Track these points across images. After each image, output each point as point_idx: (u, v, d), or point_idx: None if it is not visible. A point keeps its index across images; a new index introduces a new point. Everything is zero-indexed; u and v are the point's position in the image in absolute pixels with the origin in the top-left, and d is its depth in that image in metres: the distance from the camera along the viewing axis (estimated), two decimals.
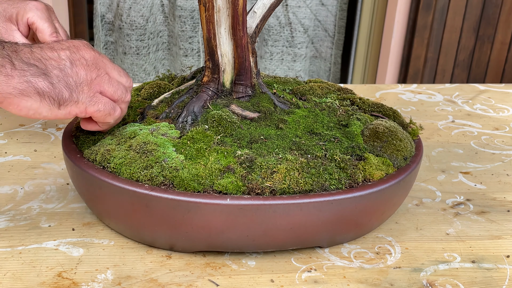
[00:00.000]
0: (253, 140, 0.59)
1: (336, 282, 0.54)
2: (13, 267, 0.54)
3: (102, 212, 0.60)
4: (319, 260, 0.58)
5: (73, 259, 0.56)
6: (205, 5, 0.60)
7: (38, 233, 0.60)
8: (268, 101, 0.65)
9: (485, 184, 0.76)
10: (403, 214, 0.67)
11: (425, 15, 2.21)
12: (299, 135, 0.61)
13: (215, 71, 0.64)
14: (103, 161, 0.57)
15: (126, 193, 0.54)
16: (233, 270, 0.56)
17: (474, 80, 2.37)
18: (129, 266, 0.55)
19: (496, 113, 1.04)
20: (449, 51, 2.29)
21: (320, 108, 0.67)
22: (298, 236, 0.55)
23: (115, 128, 0.63)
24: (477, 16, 2.25)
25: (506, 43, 2.32)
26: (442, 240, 0.62)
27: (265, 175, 0.54)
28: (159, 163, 0.55)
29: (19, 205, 0.65)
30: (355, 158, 0.59)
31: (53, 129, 0.88)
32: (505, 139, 0.92)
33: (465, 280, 0.55)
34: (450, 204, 0.70)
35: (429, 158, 0.83)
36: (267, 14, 0.67)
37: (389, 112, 0.70)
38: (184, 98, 0.65)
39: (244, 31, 0.61)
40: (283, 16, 1.39)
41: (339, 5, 1.48)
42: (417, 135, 0.68)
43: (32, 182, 0.71)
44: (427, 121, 0.98)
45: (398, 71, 2.33)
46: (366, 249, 0.60)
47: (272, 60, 1.40)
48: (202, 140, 0.58)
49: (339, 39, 1.52)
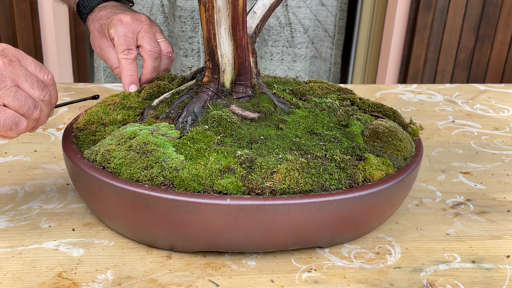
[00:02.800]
0: (253, 140, 0.59)
1: (336, 282, 0.54)
2: (13, 268, 0.54)
3: (102, 212, 0.60)
4: (319, 260, 0.58)
5: (73, 259, 0.56)
6: (205, 6, 0.60)
7: (38, 233, 0.60)
8: (268, 101, 0.65)
9: (485, 184, 0.76)
10: (403, 214, 0.67)
11: (425, 15, 2.21)
12: (299, 135, 0.61)
13: (215, 71, 0.64)
14: (103, 161, 0.57)
15: (126, 193, 0.54)
16: (233, 270, 0.56)
17: (474, 80, 2.37)
18: (129, 267, 0.55)
19: (496, 113, 1.04)
20: (449, 51, 2.29)
21: (320, 108, 0.67)
22: (298, 236, 0.55)
23: (115, 128, 0.63)
24: (477, 16, 2.25)
25: (506, 43, 2.32)
26: (442, 240, 0.62)
27: (265, 175, 0.54)
28: (159, 163, 0.55)
29: (19, 206, 0.65)
30: (355, 158, 0.59)
31: (53, 129, 0.88)
32: (505, 139, 0.92)
33: (465, 280, 0.55)
34: (450, 204, 0.70)
35: (429, 158, 0.83)
36: (267, 14, 0.67)
37: (389, 112, 0.70)
38: (184, 98, 0.65)
39: (244, 31, 0.61)
40: (283, 16, 1.39)
41: (339, 5, 1.48)
42: (417, 135, 0.68)
43: (32, 183, 0.71)
44: (427, 121, 0.98)
45: (398, 71, 2.33)
46: (366, 249, 0.60)
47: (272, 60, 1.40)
48: (202, 140, 0.58)
49: (339, 39, 1.52)
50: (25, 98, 0.56)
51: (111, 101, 0.70)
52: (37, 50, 2.11)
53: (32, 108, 0.57)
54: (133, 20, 0.80)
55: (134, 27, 0.80)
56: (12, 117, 0.55)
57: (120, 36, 0.78)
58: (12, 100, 0.55)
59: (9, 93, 0.55)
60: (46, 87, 0.59)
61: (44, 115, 0.60)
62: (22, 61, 0.58)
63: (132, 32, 0.80)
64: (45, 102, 0.58)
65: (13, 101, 0.55)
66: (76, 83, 1.10)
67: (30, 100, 0.56)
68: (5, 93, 0.55)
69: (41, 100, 0.58)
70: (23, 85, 0.56)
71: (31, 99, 0.57)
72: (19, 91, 0.56)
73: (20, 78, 0.56)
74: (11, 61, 0.56)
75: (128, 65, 0.78)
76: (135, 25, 0.80)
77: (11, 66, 0.56)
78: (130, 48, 0.79)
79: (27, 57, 0.59)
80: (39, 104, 0.58)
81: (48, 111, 0.60)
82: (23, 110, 0.56)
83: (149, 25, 0.82)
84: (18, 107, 0.56)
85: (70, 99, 1.00)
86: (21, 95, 0.56)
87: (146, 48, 0.79)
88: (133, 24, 0.80)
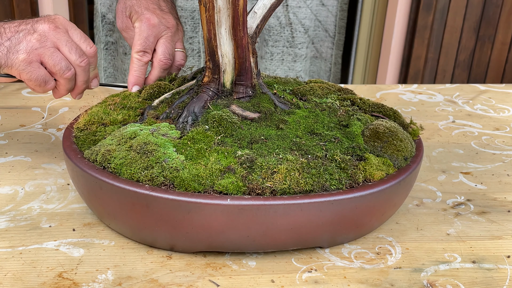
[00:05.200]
0: (254, 140, 0.59)
1: (336, 283, 0.54)
2: (13, 268, 0.54)
3: (102, 212, 0.60)
4: (319, 260, 0.58)
5: (73, 260, 0.56)
6: (206, 6, 0.60)
7: (39, 233, 0.60)
8: (268, 102, 0.65)
9: (485, 184, 0.76)
10: (403, 214, 0.67)
11: (425, 15, 2.21)
12: (299, 135, 0.61)
13: (215, 71, 0.64)
14: (103, 161, 0.57)
15: (126, 194, 0.54)
16: (233, 270, 0.56)
17: (475, 80, 2.37)
18: (129, 267, 0.55)
19: (496, 113, 1.04)
20: (449, 51, 2.29)
21: (321, 109, 0.67)
22: (299, 237, 0.55)
23: (116, 129, 0.63)
24: (477, 17, 2.25)
25: (507, 43, 2.32)
26: (443, 240, 0.62)
27: (266, 175, 0.54)
28: (160, 163, 0.55)
29: (19, 206, 0.65)
30: (355, 158, 0.59)
31: (53, 129, 0.88)
32: (505, 139, 0.92)
33: (466, 281, 0.55)
34: (450, 205, 0.70)
35: (429, 159, 0.83)
36: (268, 15, 0.67)
37: (390, 113, 0.70)
38: (185, 98, 0.65)
39: (244, 31, 0.61)
40: (283, 17, 1.39)
41: (340, 5, 1.48)
42: (417, 135, 0.68)
43: (32, 183, 0.71)
44: (428, 121, 0.98)
45: (398, 72, 2.33)
46: (367, 249, 0.60)
47: (272, 60, 1.40)
48: (203, 140, 0.58)
49: (340, 40, 1.52)
50: (59, 59, 0.65)
51: (111, 101, 0.70)
52: None
53: (64, 69, 0.65)
54: (160, 24, 0.81)
55: (158, 31, 0.80)
56: (43, 76, 0.65)
57: (141, 36, 0.79)
58: (48, 58, 0.64)
59: (47, 52, 0.64)
60: (84, 55, 0.67)
61: (80, 80, 0.69)
62: (70, 31, 0.67)
63: (154, 36, 0.80)
64: (81, 67, 0.67)
65: (49, 59, 0.64)
66: None
67: (64, 62, 0.65)
68: (44, 51, 0.64)
69: (77, 65, 0.67)
70: (63, 48, 0.65)
71: (66, 61, 0.66)
72: (56, 52, 0.65)
73: (61, 42, 0.65)
74: (56, 27, 0.66)
75: (139, 67, 0.79)
76: (160, 30, 0.81)
77: (55, 31, 0.65)
78: (146, 51, 0.79)
79: (75, 29, 0.68)
80: (73, 67, 0.66)
81: (84, 77, 0.69)
82: (56, 68, 0.65)
83: (173, 33, 0.82)
84: (52, 65, 0.65)
85: (70, 100, 1.00)
86: (57, 55, 0.65)
87: (159, 57, 0.80)
88: (159, 28, 0.80)
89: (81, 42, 0.68)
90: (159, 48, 0.80)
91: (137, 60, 0.79)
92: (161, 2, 0.86)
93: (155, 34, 0.80)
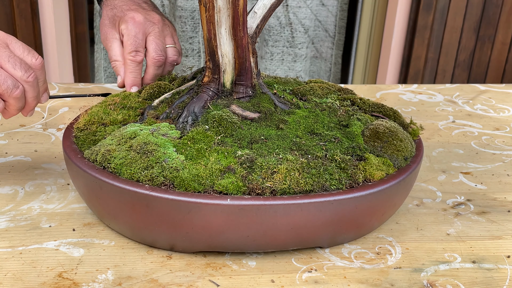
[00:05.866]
0: (254, 140, 0.59)
1: (336, 283, 0.54)
2: (13, 268, 0.54)
3: (102, 212, 0.60)
4: (319, 260, 0.58)
5: (73, 260, 0.56)
6: (206, 6, 0.60)
7: (39, 233, 0.60)
8: (268, 102, 0.65)
9: (485, 184, 0.76)
10: (403, 214, 0.67)
11: (425, 15, 2.21)
12: (299, 135, 0.61)
13: (215, 71, 0.64)
14: (103, 161, 0.57)
15: (126, 194, 0.54)
16: (233, 270, 0.56)
17: (475, 80, 2.37)
18: (129, 267, 0.55)
19: (496, 113, 1.04)
20: (449, 51, 2.29)
21: (321, 109, 0.67)
22: (299, 236, 0.55)
23: (116, 129, 0.63)
24: (477, 17, 2.25)
25: (507, 44, 2.32)
26: (443, 240, 0.62)
27: (266, 175, 0.54)
28: (160, 163, 0.55)
29: (19, 206, 0.65)
30: (355, 158, 0.59)
31: (53, 129, 0.88)
32: (505, 140, 0.92)
33: (466, 281, 0.55)
34: (450, 205, 0.70)
35: (429, 159, 0.83)
36: (268, 15, 0.67)
37: (390, 113, 0.70)
38: (185, 98, 0.65)
39: (244, 31, 0.61)
40: (283, 17, 1.39)
41: (340, 5, 1.48)
42: (417, 135, 0.68)
43: (32, 183, 0.71)
44: (428, 121, 0.98)
45: (398, 72, 2.33)
46: (367, 249, 0.60)
47: (272, 60, 1.40)
48: (203, 140, 0.58)
49: (340, 40, 1.52)
50: (4, 78, 0.60)
51: (111, 101, 0.70)
52: (38, 50, 2.11)
53: (11, 87, 0.60)
54: (145, 21, 0.80)
55: (145, 28, 0.80)
56: None
57: (130, 36, 0.78)
58: None
59: None
60: (30, 69, 0.62)
61: (30, 96, 0.64)
62: (10, 45, 0.62)
63: (143, 33, 0.79)
64: (29, 83, 0.62)
65: None
66: (77, 83, 1.10)
67: (10, 80, 0.60)
68: None
69: (24, 80, 0.61)
70: (6, 65, 0.60)
71: (12, 78, 0.60)
72: (0, 71, 0.59)
73: (3, 58, 0.60)
74: None
75: (134, 67, 0.78)
76: (147, 26, 0.80)
77: None
78: (138, 50, 0.78)
79: (16, 42, 0.63)
80: (21, 84, 0.61)
81: (34, 92, 0.63)
82: (2, 88, 0.60)
83: (160, 28, 0.81)
84: None
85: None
86: (1, 74, 0.59)
87: (151, 55, 0.79)
88: (145, 24, 0.80)
89: (24, 55, 0.62)
90: (150, 46, 0.79)
91: (131, 61, 0.78)
92: (142, 3, 0.85)
93: (143, 32, 0.79)
